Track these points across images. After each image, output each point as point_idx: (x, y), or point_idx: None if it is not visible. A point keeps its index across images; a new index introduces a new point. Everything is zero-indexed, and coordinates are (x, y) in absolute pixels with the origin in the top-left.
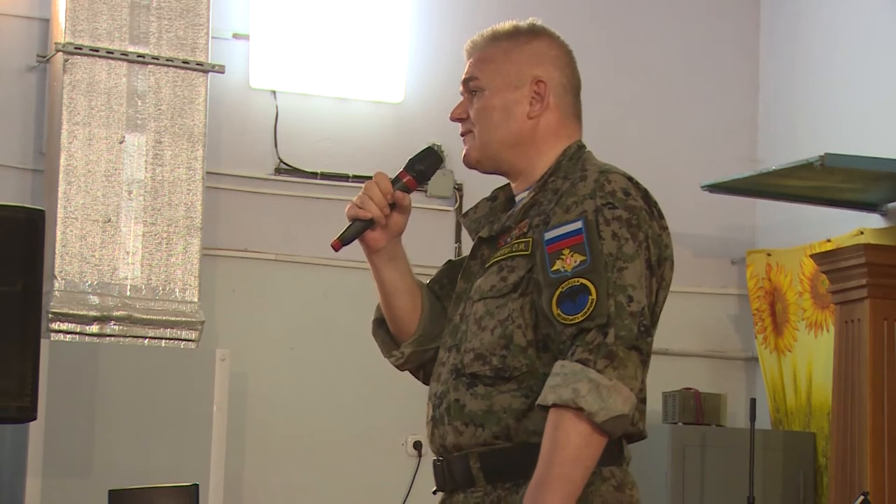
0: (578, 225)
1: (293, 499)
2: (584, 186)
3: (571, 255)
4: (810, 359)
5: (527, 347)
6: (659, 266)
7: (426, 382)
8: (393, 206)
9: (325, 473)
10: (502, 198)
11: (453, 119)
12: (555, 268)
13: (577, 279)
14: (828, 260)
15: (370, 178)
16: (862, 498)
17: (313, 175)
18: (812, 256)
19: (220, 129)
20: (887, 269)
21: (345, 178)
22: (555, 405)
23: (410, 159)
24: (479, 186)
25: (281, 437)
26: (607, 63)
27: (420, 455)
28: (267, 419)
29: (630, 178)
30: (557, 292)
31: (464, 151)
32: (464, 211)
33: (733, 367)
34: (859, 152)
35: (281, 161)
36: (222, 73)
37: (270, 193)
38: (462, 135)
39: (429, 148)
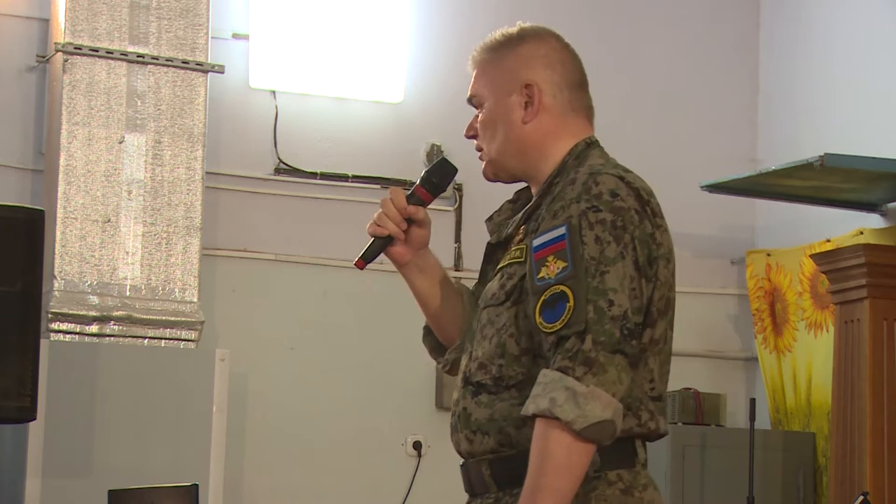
0: (562, 231)
1: (293, 498)
2: (573, 190)
3: (555, 262)
4: (810, 359)
5: (520, 356)
6: (650, 265)
7: None
8: (410, 220)
9: (324, 473)
10: (523, 199)
11: (467, 137)
12: (540, 275)
13: (558, 286)
14: (827, 260)
15: (370, 178)
16: (862, 498)
17: (313, 175)
18: (812, 256)
19: (219, 129)
20: (887, 269)
21: (344, 178)
22: (534, 415)
23: (426, 171)
24: (480, 187)
25: (281, 436)
26: (607, 63)
27: (420, 455)
28: (267, 419)
29: (621, 178)
30: (541, 301)
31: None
32: (461, 213)
33: (733, 367)
34: (859, 152)
35: (280, 161)
36: (222, 73)
37: (270, 193)
38: (478, 150)
39: (443, 159)
